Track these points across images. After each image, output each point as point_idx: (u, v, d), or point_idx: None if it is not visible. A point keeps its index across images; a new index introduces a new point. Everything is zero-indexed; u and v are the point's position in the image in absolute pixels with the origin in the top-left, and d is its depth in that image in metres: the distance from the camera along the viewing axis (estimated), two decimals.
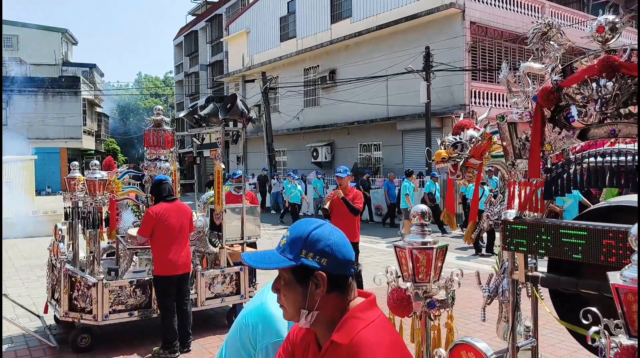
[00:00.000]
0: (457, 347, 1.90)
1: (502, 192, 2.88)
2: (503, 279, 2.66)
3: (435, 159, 2.87)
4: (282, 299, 1.45)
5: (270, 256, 1.43)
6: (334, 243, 1.40)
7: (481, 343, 1.84)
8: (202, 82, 39.60)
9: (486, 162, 2.79)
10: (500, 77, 2.83)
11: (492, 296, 2.70)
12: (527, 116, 2.54)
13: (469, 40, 18.17)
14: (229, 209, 6.28)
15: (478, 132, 2.77)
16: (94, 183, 5.33)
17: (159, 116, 6.12)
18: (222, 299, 6.06)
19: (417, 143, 19.43)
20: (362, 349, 1.31)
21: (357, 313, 1.40)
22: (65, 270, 5.35)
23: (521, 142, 2.58)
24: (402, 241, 2.34)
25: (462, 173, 2.76)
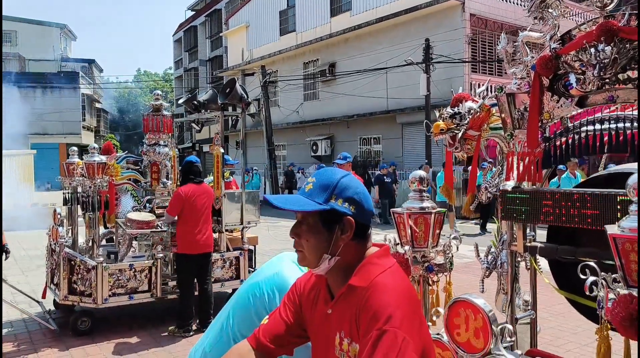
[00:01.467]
0: (456, 304, 1.90)
1: (500, 164, 2.87)
2: (502, 251, 2.66)
3: (433, 131, 2.86)
4: (302, 244, 1.45)
5: (297, 199, 1.44)
6: (361, 192, 1.44)
7: (479, 300, 1.83)
8: (202, 77, 39.54)
9: (484, 134, 2.79)
10: (499, 48, 2.82)
11: (491, 268, 2.69)
12: (525, 86, 2.54)
13: (469, 33, 18.15)
14: (228, 195, 6.29)
15: (476, 104, 2.77)
16: (93, 167, 5.33)
17: (158, 101, 6.11)
18: (222, 284, 6.07)
19: (417, 136, 19.41)
20: (379, 289, 1.34)
21: (374, 260, 1.43)
22: (64, 254, 5.36)
23: (520, 112, 2.57)
24: (401, 208, 2.33)
25: (460, 144, 2.76)
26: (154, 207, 6.04)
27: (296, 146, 25.50)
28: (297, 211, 1.42)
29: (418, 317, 1.36)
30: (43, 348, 5.09)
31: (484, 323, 1.79)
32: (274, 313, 1.61)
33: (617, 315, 1.41)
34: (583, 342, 5.01)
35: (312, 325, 1.53)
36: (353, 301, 1.37)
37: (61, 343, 5.21)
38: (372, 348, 1.25)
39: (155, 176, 6.19)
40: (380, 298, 1.32)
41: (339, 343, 1.41)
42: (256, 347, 1.55)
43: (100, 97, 45.06)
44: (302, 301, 1.58)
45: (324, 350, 1.47)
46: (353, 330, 1.36)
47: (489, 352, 1.78)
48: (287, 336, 1.56)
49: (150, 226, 5.69)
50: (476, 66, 18.80)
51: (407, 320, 1.29)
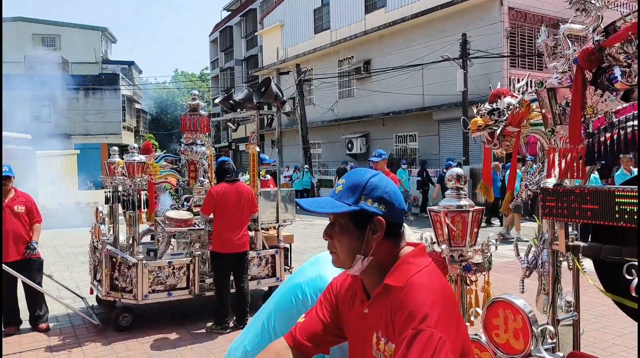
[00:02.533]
0: (495, 304, 1.86)
1: (541, 161, 2.79)
2: (542, 250, 2.57)
3: (471, 127, 2.79)
4: (335, 245, 1.46)
5: (327, 202, 1.45)
6: (391, 190, 1.43)
7: (519, 300, 1.80)
8: (237, 77, 40.00)
9: (524, 130, 2.71)
10: (538, 41, 2.74)
11: (531, 268, 2.60)
12: (567, 80, 2.45)
13: (507, 27, 17.73)
14: (264, 194, 6.34)
15: (515, 100, 2.70)
16: (133, 166, 5.46)
17: (195, 100, 6.20)
18: (258, 281, 6.13)
19: (454, 133, 19.12)
20: (415, 288, 1.33)
21: (409, 259, 1.42)
22: (106, 251, 5.50)
23: (561, 108, 2.48)
24: (436, 207, 2.28)
25: (499, 141, 2.67)
26: (192, 205, 6.14)
27: (331, 144, 25.50)
28: (326, 213, 1.42)
29: (455, 316, 1.33)
30: (87, 342, 5.25)
31: (523, 324, 1.75)
32: (311, 312, 1.61)
33: None
34: (629, 344, 4.84)
35: (349, 325, 1.52)
36: (389, 300, 1.36)
37: (103, 337, 5.36)
38: (406, 347, 1.23)
39: (192, 175, 6.29)
40: (415, 297, 1.30)
41: (375, 342, 1.40)
42: (293, 344, 1.55)
43: (140, 98, 46.14)
44: (338, 301, 1.57)
45: (362, 350, 1.47)
46: (389, 330, 1.35)
47: (529, 353, 1.74)
48: (323, 335, 1.55)
49: (188, 224, 5.78)
50: (515, 61, 18.36)
51: (444, 319, 1.26)
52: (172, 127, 54.59)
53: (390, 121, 21.85)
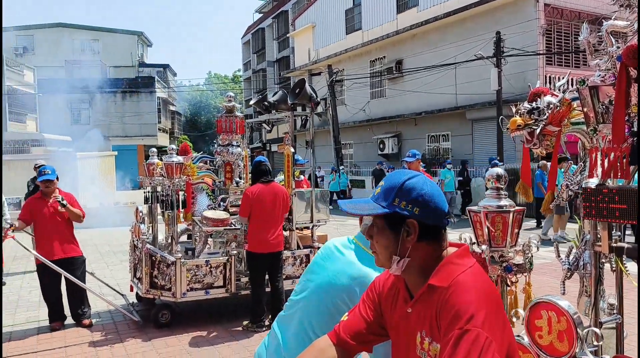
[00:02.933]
0: (538, 306, 1.84)
1: (582, 161, 2.74)
2: (584, 251, 2.54)
3: (510, 127, 2.76)
4: (374, 245, 1.50)
5: (364, 203, 1.48)
6: (427, 193, 1.42)
7: (563, 302, 1.77)
8: (269, 78, 40.34)
9: (565, 129, 2.67)
10: (580, 38, 2.70)
11: (573, 269, 2.58)
12: (610, 78, 2.41)
13: (543, 23, 17.37)
14: (298, 194, 6.40)
15: (556, 99, 2.65)
16: (171, 167, 5.60)
17: (231, 102, 6.31)
18: (293, 281, 6.18)
19: (487, 132, 18.83)
20: (461, 288, 1.33)
21: (454, 260, 1.42)
22: (146, 250, 5.65)
23: (604, 106, 2.45)
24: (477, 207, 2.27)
25: (538, 141, 2.64)
26: (228, 205, 6.25)
27: (363, 144, 25.46)
28: (360, 215, 1.46)
29: (501, 317, 1.33)
30: (128, 338, 5.41)
31: (568, 326, 1.73)
32: (354, 310, 1.64)
33: None
34: None
35: (392, 324, 1.54)
36: (433, 301, 1.37)
37: (144, 334, 5.51)
38: (453, 348, 1.24)
39: (228, 176, 6.41)
40: (461, 297, 1.31)
41: (420, 342, 1.42)
42: (336, 342, 1.58)
43: (174, 100, 47.01)
44: (381, 300, 1.60)
45: (405, 349, 1.48)
46: (434, 330, 1.36)
47: (574, 356, 1.72)
48: (367, 333, 1.58)
49: (225, 224, 5.89)
50: (551, 58, 17.96)
51: (490, 320, 1.26)
52: (205, 129, 55.42)
53: (422, 120, 21.68)
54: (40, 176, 5.72)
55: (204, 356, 4.93)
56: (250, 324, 5.62)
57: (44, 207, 5.68)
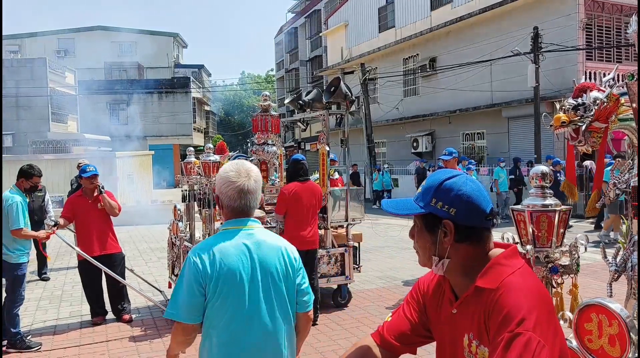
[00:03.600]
0: (587, 308, 1.77)
1: (631, 159, 2.65)
2: (632, 252, 2.44)
3: (554, 123, 2.68)
4: (415, 245, 1.48)
5: (405, 203, 1.47)
6: (466, 193, 1.38)
7: (615, 305, 1.70)
8: (302, 78, 40.49)
9: (612, 126, 2.58)
10: (628, 32, 2.60)
11: (620, 271, 2.47)
12: None
13: (583, 18, 16.87)
14: (333, 193, 6.40)
15: (603, 94, 2.57)
16: (208, 165, 5.67)
17: (266, 101, 6.35)
18: (328, 279, 6.20)
19: (525, 130, 18.43)
20: (511, 290, 1.29)
21: (501, 261, 1.37)
22: (184, 247, 5.75)
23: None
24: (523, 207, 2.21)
25: (584, 138, 2.53)
26: (263, 203, 6.29)
27: (396, 142, 25.28)
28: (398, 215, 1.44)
29: (553, 320, 1.29)
30: (166, 334, 5.51)
31: (620, 330, 1.65)
32: (398, 311, 1.62)
33: None
34: None
35: (437, 325, 1.52)
36: (481, 303, 1.33)
37: None
38: (503, 351, 1.19)
39: (264, 174, 6.44)
40: (511, 299, 1.26)
41: (467, 344, 1.39)
42: (381, 343, 1.56)
43: (209, 100, 47.68)
44: (426, 301, 1.57)
45: (452, 351, 1.45)
46: (482, 333, 1.33)
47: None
48: (411, 335, 1.56)
49: (261, 222, 5.92)
50: (591, 54, 17.44)
51: (542, 323, 1.22)
52: (238, 128, 56.03)
53: (456, 118, 21.37)
54: (85, 173, 5.88)
55: None
56: None
57: (86, 204, 5.84)
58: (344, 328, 5.63)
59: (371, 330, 2.02)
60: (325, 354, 4.92)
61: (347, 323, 5.77)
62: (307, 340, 5.27)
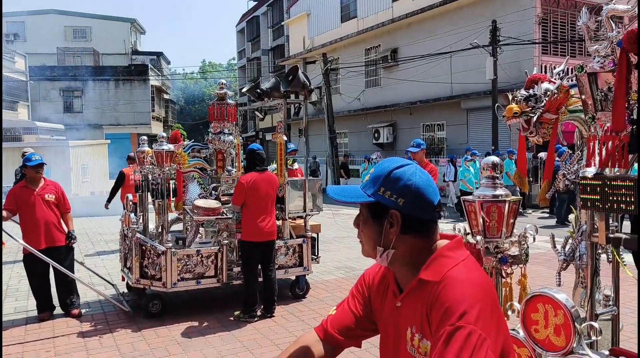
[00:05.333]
0: (534, 299, 1.78)
1: (579, 149, 2.67)
2: (580, 242, 2.49)
3: (506, 114, 2.68)
4: (360, 234, 1.43)
5: (351, 191, 1.42)
6: (415, 183, 1.33)
7: (561, 295, 1.72)
8: (264, 67, 40.08)
9: (562, 117, 2.60)
10: (579, 23, 2.62)
11: (569, 260, 2.53)
12: (610, 64, 2.33)
13: (539, 12, 17.25)
14: (292, 183, 6.33)
15: (554, 85, 2.58)
16: (162, 155, 5.50)
17: (223, 89, 6.20)
18: (286, 270, 6.13)
19: (483, 122, 18.78)
20: (452, 283, 1.26)
21: (445, 253, 1.34)
22: (136, 239, 5.57)
23: (603, 93, 2.38)
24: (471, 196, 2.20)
25: (536, 129, 2.57)
26: (220, 194, 6.16)
27: (357, 133, 25.37)
28: (344, 202, 1.39)
29: (497, 313, 1.25)
30: (117, 328, 5.34)
31: (565, 320, 1.67)
32: (342, 304, 1.57)
33: None
34: None
35: (382, 318, 1.48)
36: (424, 296, 1.29)
37: (134, 324, 5.44)
38: (443, 345, 1.17)
39: (220, 164, 6.31)
40: (453, 292, 1.23)
41: (410, 338, 1.35)
42: (324, 337, 1.52)
43: (168, 89, 46.65)
44: (371, 293, 1.53)
45: (395, 344, 1.42)
46: (424, 326, 1.29)
47: (571, 351, 1.67)
48: (355, 328, 1.52)
49: (216, 213, 5.81)
50: (547, 48, 17.87)
51: (484, 316, 1.19)
52: (199, 117, 55.12)
53: (417, 110, 21.58)
54: (29, 161, 5.59)
55: (195, 346, 4.86)
56: (242, 314, 5.57)
57: (30, 196, 5.57)
58: (301, 319, 5.58)
59: None
60: (282, 346, 4.86)
61: (305, 315, 5.72)
62: (264, 333, 5.24)
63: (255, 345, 4.89)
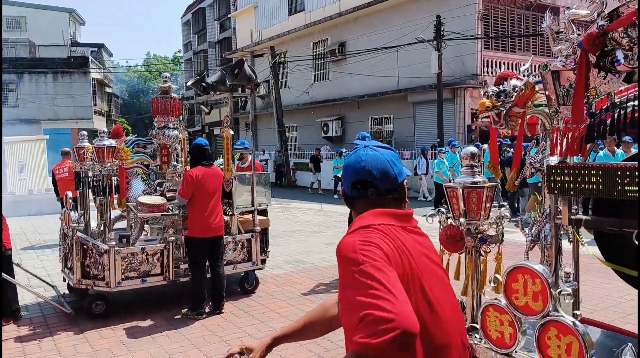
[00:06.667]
0: (515, 271, 2.02)
1: (543, 140, 2.93)
2: (545, 224, 2.76)
3: (479, 108, 2.92)
4: None
5: None
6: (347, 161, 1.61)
7: (538, 265, 1.96)
8: (211, 60, 39.40)
9: (529, 111, 2.86)
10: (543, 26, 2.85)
11: (535, 241, 2.81)
12: (571, 63, 2.56)
13: (481, 9, 17.77)
14: (239, 178, 6.26)
15: (521, 82, 2.83)
16: (102, 151, 5.31)
17: (166, 83, 6.05)
18: (234, 266, 6.07)
19: (428, 115, 19.20)
20: (350, 237, 1.38)
21: (365, 216, 1.48)
22: (77, 238, 5.37)
23: (565, 89, 2.63)
24: (453, 183, 2.41)
25: (505, 121, 2.82)
26: (165, 190, 6.02)
27: (307, 127, 25.39)
28: None
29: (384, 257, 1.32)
30: (58, 331, 5.13)
31: (542, 287, 1.91)
32: None
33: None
34: (627, 311, 5.11)
35: None
36: None
37: (76, 326, 5.25)
38: (342, 289, 1.31)
39: (165, 159, 6.16)
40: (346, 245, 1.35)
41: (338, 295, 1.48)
42: None
43: (111, 82, 45.13)
44: None
45: None
46: None
47: (547, 313, 1.90)
48: None
49: (161, 210, 5.68)
50: (489, 43, 18.45)
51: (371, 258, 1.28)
52: (145, 112, 53.66)
53: (365, 103, 21.82)
54: None
55: (141, 346, 4.75)
56: (190, 312, 5.48)
57: None
58: (251, 314, 5.55)
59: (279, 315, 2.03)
60: (231, 342, 4.82)
61: (254, 310, 5.69)
62: (212, 330, 5.17)
63: (203, 343, 4.82)
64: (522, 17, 19.36)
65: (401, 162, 1.70)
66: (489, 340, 2.14)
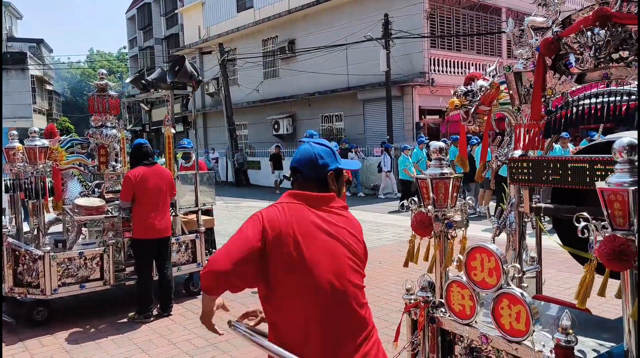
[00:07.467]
0: (473, 251, 2.27)
1: (508, 135, 3.17)
2: (510, 212, 3.04)
3: (448, 107, 3.14)
4: None
5: None
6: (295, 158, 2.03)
7: (493, 245, 2.23)
8: (158, 56, 38.39)
9: (494, 109, 3.10)
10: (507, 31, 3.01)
11: (501, 228, 3.10)
12: (530, 65, 2.81)
13: (427, 8, 18.09)
14: (182, 177, 6.11)
15: (487, 82, 3.07)
16: (34, 151, 5.05)
17: (103, 80, 5.82)
18: (179, 268, 5.92)
19: (378, 112, 19.38)
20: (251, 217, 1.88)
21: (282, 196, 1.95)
22: (7, 244, 5.09)
23: (525, 89, 2.88)
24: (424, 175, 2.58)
25: (473, 119, 3.10)
26: (103, 192, 5.80)
27: (257, 125, 25.16)
28: None
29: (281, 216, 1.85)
30: None
31: (496, 264, 2.17)
32: None
33: (603, 251, 1.76)
34: None
35: None
36: None
37: (14, 335, 4.98)
38: None
39: (103, 160, 5.94)
40: None
41: None
42: None
43: (51, 79, 43.32)
44: None
45: None
46: None
47: (500, 287, 2.15)
48: None
49: (100, 212, 5.46)
50: (435, 42, 18.81)
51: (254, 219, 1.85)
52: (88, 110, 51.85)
53: (316, 101, 21.82)
54: None
55: (84, 352, 4.56)
56: (136, 315, 5.32)
57: None
58: (199, 316, 5.42)
59: (228, 315, 2.02)
60: (180, 345, 4.70)
61: None
62: (161, 332, 5.02)
63: (151, 346, 4.68)
64: (466, 17, 19.84)
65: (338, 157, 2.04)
66: (453, 313, 2.41)
